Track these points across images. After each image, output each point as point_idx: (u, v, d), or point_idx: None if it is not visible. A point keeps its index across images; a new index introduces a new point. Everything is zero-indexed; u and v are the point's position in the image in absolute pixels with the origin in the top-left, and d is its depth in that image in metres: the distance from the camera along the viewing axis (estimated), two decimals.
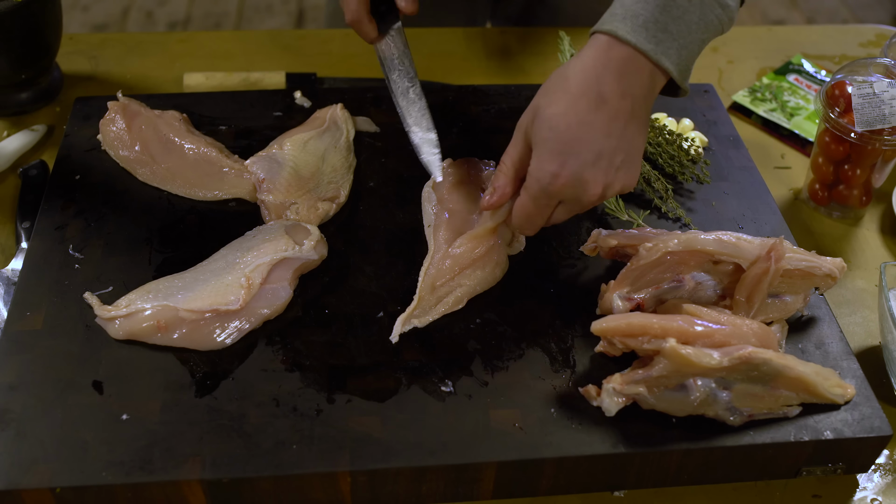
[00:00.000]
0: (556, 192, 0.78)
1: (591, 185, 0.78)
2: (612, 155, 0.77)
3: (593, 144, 0.76)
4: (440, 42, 1.31)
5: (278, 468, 0.73)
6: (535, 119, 0.78)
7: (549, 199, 0.79)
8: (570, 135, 0.76)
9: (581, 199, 0.79)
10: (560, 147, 0.76)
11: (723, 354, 0.73)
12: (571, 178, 0.77)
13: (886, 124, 0.95)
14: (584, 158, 0.76)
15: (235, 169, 0.97)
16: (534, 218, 0.82)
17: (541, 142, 0.77)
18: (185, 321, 0.81)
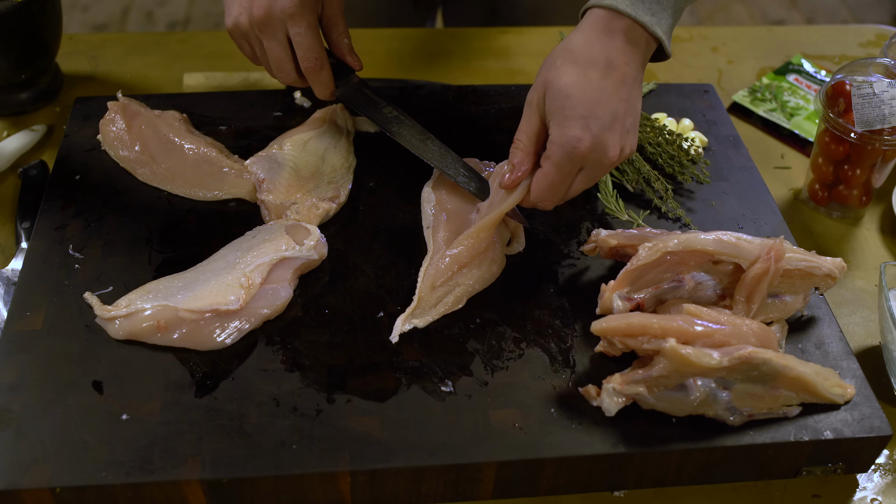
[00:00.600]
0: (581, 156, 0.80)
1: (611, 147, 0.81)
2: (625, 117, 0.81)
3: (609, 108, 0.80)
4: (441, 42, 1.31)
5: (278, 468, 0.73)
6: (548, 92, 0.81)
7: (572, 165, 0.81)
8: (587, 100, 0.79)
9: (602, 162, 0.81)
10: (580, 112, 0.79)
11: (723, 354, 0.73)
12: (594, 141, 0.80)
13: (886, 124, 0.95)
14: (603, 121, 0.79)
15: (235, 169, 0.97)
16: (556, 187, 0.83)
17: (558, 111, 0.80)
18: (185, 321, 0.81)
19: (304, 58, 0.90)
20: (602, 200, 0.98)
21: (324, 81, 0.93)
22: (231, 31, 0.92)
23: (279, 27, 0.88)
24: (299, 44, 0.89)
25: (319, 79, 0.93)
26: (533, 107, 0.84)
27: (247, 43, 0.92)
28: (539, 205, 0.86)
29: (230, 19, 0.91)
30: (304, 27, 0.88)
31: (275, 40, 0.90)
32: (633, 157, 1.01)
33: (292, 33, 0.89)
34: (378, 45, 1.30)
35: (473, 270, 0.87)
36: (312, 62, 0.91)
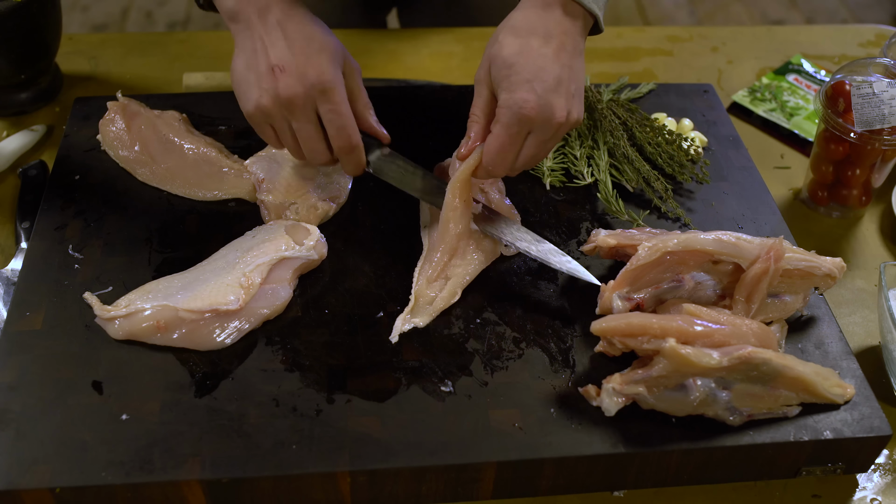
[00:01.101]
0: (527, 117, 0.81)
1: (557, 109, 0.82)
2: (568, 82, 0.83)
3: (552, 72, 0.82)
4: (441, 42, 1.31)
5: (278, 468, 0.73)
6: (492, 65, 0.84)
7: (520, 126, 0.82)
8: (530, 65, 0.82)
9: (549, 123, 0.82)
10: (525, 76, 0.81)
11: (722, 354, 0.73)
12: (540, 102, 0.81)
13: (886, 124, 0.95)
14: (547, 84, 0.81)
15: (235, 169, 0.97)
16: (506, 150, 0.84)
17: (504, 79, 0.82)
18: (185, 321, 0.81)
19: (337, 136, 0.85)
20: (602, 200, 0.98)
21: (356, 160, 0.89)
22: (252, 115, 0.85)
23: (310, 105, 0.83)
24: (331, 121, 0.84)
25: (352, 158, 0.88)
26: (482, 83, 0.86)
27: (270, 127, 0.87)
28: (491, 170, 0.85)
29: (250, 104, 0.84)
30: (335, 103, 0.84)
31: (305, 119, 0.84)
32: (633, 157, 1.01)
33: (323, 111, 0.84)
34: (379, 44, 1.30)
35: (458, 259, 0.87)
36: (346, 140, 0.86)
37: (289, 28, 0.83)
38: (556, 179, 1.01)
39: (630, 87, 1.14)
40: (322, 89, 0.83)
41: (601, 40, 1.34)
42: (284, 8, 0.84)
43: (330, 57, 0.84)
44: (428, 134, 1.07)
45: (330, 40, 0.85)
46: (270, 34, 0.83)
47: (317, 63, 0.83)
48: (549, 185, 1.00)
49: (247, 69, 0.84)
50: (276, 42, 0.83)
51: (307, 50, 0.83)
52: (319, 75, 0.82)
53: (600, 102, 1.06)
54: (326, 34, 0.85)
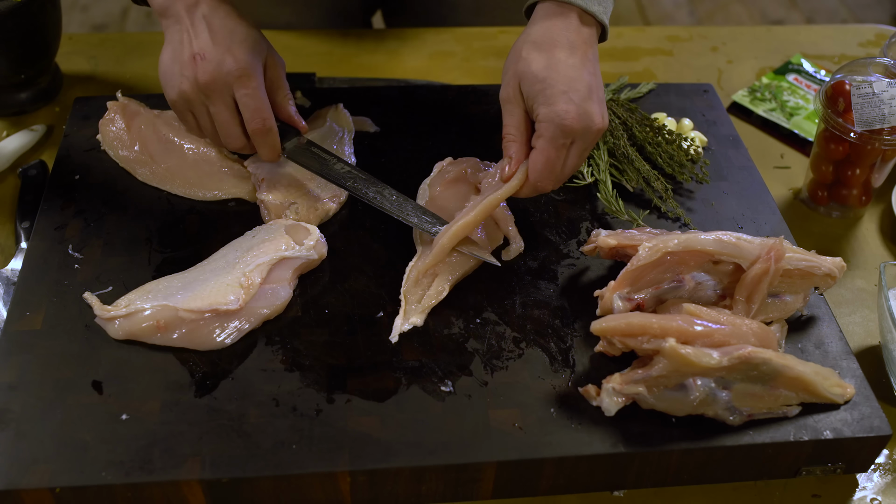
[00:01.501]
0: (570, 127, 0.83)
1: (595, 116, 0.84)
2: (597, 89, 0.86)
3: (583, 81, 0.84)
4: (441, 42, 1.31)
5: (278, 468, 0.73)
6: (522, 82, 0.85)
7: (565, 138, 0.84)
8: (562, 77, 0.84)
9: (590, 130, 0.84)
10: (560, 88, 0.83)
11: (722, 354, 0.73)
12: (579, 112, 0.83)
13: (886, 124, 0.95)
14: (582, 93, 0.84)
15: (235, 169, 0.97)
16: (553, 163, 0.85)
17: (538, 94, 0.84)
18: (185, 321, 0.81)
19: (252, 119, 0.88)
20: (602, 200, 0.98)
21: (271, 143, 0.91)
22: (174, 102, 0.89)
23: (226, 90, 0.87)
24: (246, 105, 0.88)
25: (266, 141, 0.90)
26: (512, 101, 0.87)
27: (190, 113, 0.90)
28: (539, 186, 0.87)
29: (173, 91, 0.88)
30: (251, 88, 0.87)
31: (222, 104, 0.88)
32: (633, 157, 1.01)
33: (238, 95, 0.87)
34: (379, 44, 1.30)
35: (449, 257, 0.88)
36: (260, 123, 0.88)
37: (213, 22, 0.87)
38: None
39: (630, 87, 1.14)
40: (238, 75, 0.86)
41: None
42: (212, 5, 0.88)
43: (249, 47, 0.88)
44: (428, 134, 1.07)
45: (252, 33, 0.89)
46: (196, 27, 0.87)
47: (236, 51, 0.87)
48: None
49: (172, 60, 0.88)
50: (199, 33, 0.87)
51: (228, 40, 0.87)
52: (237, 62, 0.86)
53: None
54: (250, 28, 0.89)
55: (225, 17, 0.88)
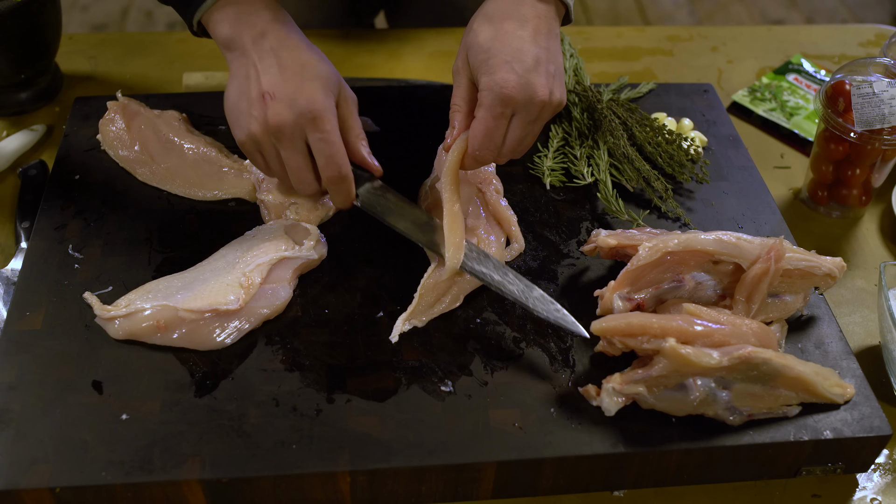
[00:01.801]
0: (509, 96, 0.81)
1: (539, 87, 0.82)
2: (547, 63, 0.83)
3: (529, 52, 0.82)
4: (441, 42, 1.31)
5: (278, 468, 0.73)
6: (469, 52, 0.84)
7: (503, 107, 0.82)
8: (507, 47, 0.82)
9: (533, 102, 0.82)
10: (503, 58, 0.82)
11: (722, 354, 0.73)
12: (520, 81, 0.81)
13: (886, 124, 0.95)
14: (526, 64, 0.82)
15: (235, 169, 0.97)
16: (492, 132, 0.83)
17: (482, 63, 0.83)
18: (185, 321, 0.81)
19: (326, 166, 0.82)
20: (602, 200, 0.98)
21: (346, 191, 0.85)
22: (243, 143, 0.84)
23: (298, 134, 0.81)
24: (321, 151, 0.82)
25: (342, 189, 0.85)
26: (459, 72, 0.86)
27: (260, 155, 0.85)
28: (479, 155, 0.84)
29: (241, 132, 0.83)
30: (324, 132, 0.81)
31: (293, 148, 0.82)
32: (633, 157, 1.01)
33: (312, 140, 0.81)
34: (379, 44, 1.30)
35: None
36: (335, 171, 0.83)
37: (283, 55, 0.82)
38: (556, 179, 1.01)
39: (630, 87, 1.14)
40: (312, 117, 0.80)
41: (601, 40, 1.34)
42: (280, 36, 0.83)
43: (322, 84, 0.82)
44: (428, 134, 1.06)
45: (325, 68, 0.83)
46: (264, 61, 0.81)
47: (308, 90, 0.81)
48: (549, 185, 1.00)
49: (239, 97, 0.82)
50: (268, 69, 0.81)
51: (299, 77, 0.81)
52: (310, 103, 0.80)
53: (600, 102, 1.06)
54: (322, 62, 0.84)
55: (294, 49, 0.82)
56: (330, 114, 0.82)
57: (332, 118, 0.82)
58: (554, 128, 1.06)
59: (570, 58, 1.16)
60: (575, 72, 1.14)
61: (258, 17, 0.83)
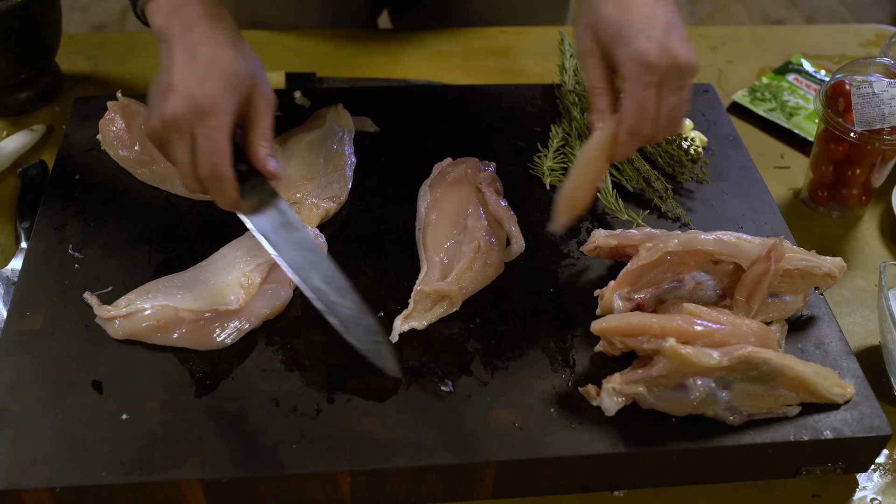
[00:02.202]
0: (654, 64, 0.78)
1: (680, 52, 0.79)
2: (678, 27, 0.81)
3: (659, 19, 0.80)
4: (441, 42, 1.31)
5: (278, 468, 0.73)
6: (597, 29, 0.81)
7: (651, 75, 0.79)
8: (637, 17, 0.80)
9: (677, 66, 0.79)
10: (636, 28, 0.79)
11: (722, 354, 0.73)
12: (660, 47, 0.78)
13: (886, 124, 0.95)
14: (660, 30, 0.79)
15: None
16: (646, 104, 0.80)
17: (615, 37, 0.80)
18: (185, 321, 0.81)
19: (202, 163, 0.78)
20: (602, 200, 0.98)
21: (223, 191, 0.80)
22: (148, 136, 0.82)
23: (186, 128, 0.78)
24: (200, 146, 0.78)
25: (219, 188, 0.80)
26: (589, 54, 0.83)
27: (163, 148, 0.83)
28: (637, 129, 0.81)
29: (146, 125, 0.81)
30: (208, 127, 0.77)
31: (181, 143, 0.79)
32: (633, 157, 1.01)
33: (196, 134, 0.78)
34: (379, 44, 1.30)
35: (467, 273, 0.87)
36: (209, 168, 0.78)
37: (200, 50, 0.80)
38: (556, 179, 1.01)
39: None
40: (201, 112, 0.77)
41: None
42: (205, 30, 0.81)
43: (226, 81, 0.79)
44: (428, 134, 1.07)
45: (238, 66, 0.81)
46: (182, 55, 0.80)
47: (207, 85, 0.78)
48: (549, 185, 1.00)
49: (154, 92, 0.81)
50: (182, 63, 0.80)
51: (205, 72, 0.79)
52: (204, 97, 0.77)
53: None
54: (237, 59, 0.81)
55: (214, 45, 0.81)
56: (221, 110, 0.78)
57: (222, 115, 0.78)
58: (554, 128, 1.06)
59: (571, 58, 1.16)
60: (575, 72, 1.14)
61: (189, 11, 0.82)
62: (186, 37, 0.81)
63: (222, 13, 0.84)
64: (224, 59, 0.80)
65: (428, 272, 0.87)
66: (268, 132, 0.83)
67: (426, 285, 0.85)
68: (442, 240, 0.90)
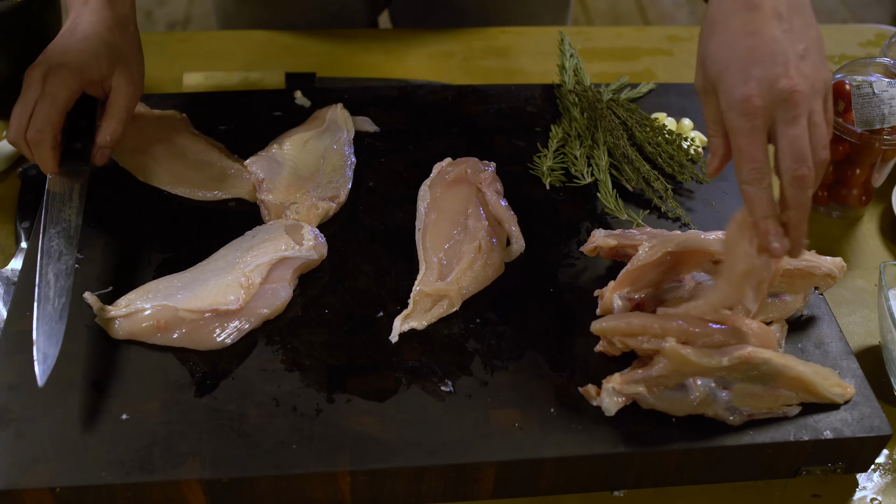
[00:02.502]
0: (754, 107, 0.70)
1: (783, 79, 0.70)
2: (789, 47, 0.71)
3: (765, 48, 0.71)
4: (441, 42, 1.31)
5: (278, 468, 0.73)
6: (703, 69, 0.75)
7: (751, 121, 0.70)
8: (741, 51, 0.71)
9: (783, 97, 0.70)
10: (738, 67, 0.71)
11: (722, 354, 0.73)
12: (759, 86, 0.70)
13: (886, 124, 0.95)
14: (766, 63, 0.70)
15: (235, 169, 0.97)
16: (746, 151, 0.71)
17: (718, 77, 0.72)
18: (185, 321, 0.81)
19: (31, 124, 0.84)
20: (602, 200, 0.98)
21: (42, 157, 0.85)
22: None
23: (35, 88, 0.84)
24: (36, 109, 0.84)
25: (38, 153, 0.85)
26: (702, 93, 0.76)
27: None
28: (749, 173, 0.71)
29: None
30: (48, 94, 0.84)
31: (25, 98, 0.85)
32: (633, 157, 1.01)
33: (39, 97, 0.84)
34: (379, 44, 1.30)
35: (468, 273, 0.87)
36: (33, 133, 0.84)
37: (82, 21, 0.88)
38: (556, 179, 1.01)
39: (630, 87, 1.15)
40: (49, 79, 0.84)
41: (601, 40, 1.34)
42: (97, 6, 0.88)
43: (89, 56, 0.86)
44: (428, 134, 1.07)
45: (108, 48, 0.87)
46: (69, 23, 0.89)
47: (68, 56, 0.85)
48: (549, 185, 1.01)
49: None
50: (64, 30, 0.88)
51: (74, 44, 0.86)
52: (58, 66, 0.84)
53: (600, 102, 1.06)
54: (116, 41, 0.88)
55: (98, 21, 0.87)
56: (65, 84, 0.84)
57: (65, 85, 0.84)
58: (554, 128, 1.06)
59: (571, 58, 1.16)
60: (575, 72, 1.14)
61: None
62: (79, 10, 0.89)
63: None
64: (100, 35, 0.87)
65: (426, 272, 0.87)
66: (117, 124, 0.89)
67: (425, 285, 0.85)
68: (442, 240, 0.90)
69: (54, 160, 0.86)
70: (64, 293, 0.77)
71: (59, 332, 0.75)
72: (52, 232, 0.82)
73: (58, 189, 0.86)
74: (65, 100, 0.85)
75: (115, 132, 0.89)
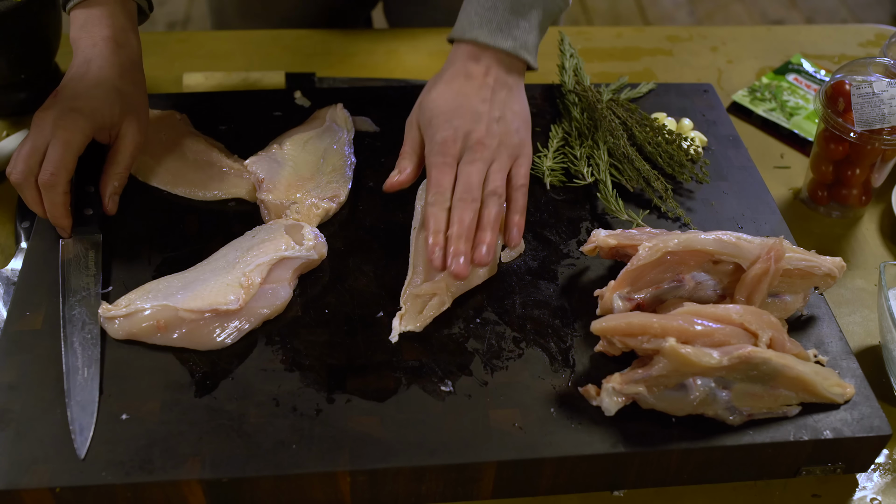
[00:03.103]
0: (448, 149, 0.87)
1: (475, 133, 0.88)
2: (489, 112, 0.90)
3: (469, 108, 0.89)
4: (440, 42, 1.31)
5: (278, 468, 0.73)
6: (420, 109, 0.92)
7: (444, 158, 0.88)
8: (450, 106, 0.89)
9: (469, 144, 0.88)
10: (445, 117, 0.89)
11: (722, 354, 0.73)
12: (456, 133, 0.88)
13: (886, 124, 0.95)
14: (466, 118, 0.89)
15: (235, 169, 0.97)
16: (437, 179, 0.87)
17: (427, 122, 0.90)
18: (185, 321, 0.81)
19: (44, 170, 0.84)
20: (602, 200, 0.98)
21: (54, 202, 0.85)
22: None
23: (46, 131, 0.84)
24: (47, 154, 0.84)
25: (50, 198, 0.84)
26: (411, 126, 0.92)
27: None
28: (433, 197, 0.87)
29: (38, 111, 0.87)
30: (60, 139, 0.83)
31: (34, 135, 0.84)
32: (633, 157, 1.01)
33: (51, 140, 0.84)
34: (379, 44, 1.30)
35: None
36: (47, 177, 0.83)
37: (92, 66, 0.88)
38: (556, 179, 1.01)
39: (630, 87, 1.15)
40: (62, 123, 0.84)
41: (601, 40, 1.34)
42: (106, 51, 0.89)
43: (99, 104, 0.87)
44: None
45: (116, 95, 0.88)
46: (78, 67, 0.88)
47: (80, 102, 0.86)
48: (549, 185, 1.00)
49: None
50: (74, 73, 0.88)
51: (85, 89, 0.86)
52: (71, 111, 0.84)
53: (600, 102, 1.06)
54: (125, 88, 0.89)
55: (108, 66, 0.88)
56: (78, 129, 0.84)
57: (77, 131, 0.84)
58: (554, 128, 1.06)
59: (571, 58, 1.16)
60: (575, 72, 1.14)
61: (97, 30, 0.90)
62: (88, 52, 0.89)
63: (128, 41, 0.92)
64: (109, 82, 0.88)
65: (413, 275, 0.87)
66: (122, 173, 0.91)
67: (412, 288, 0.85)
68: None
69: (65, 207, 0.86)
70: (92, 362, 0.78)
71: (92, 402, 0.76)
72: (73, 301, 0.83)
73: (72, 256, 0.87)
74: (78, 144, 0.85)
75: (122, 178, 0.91)
